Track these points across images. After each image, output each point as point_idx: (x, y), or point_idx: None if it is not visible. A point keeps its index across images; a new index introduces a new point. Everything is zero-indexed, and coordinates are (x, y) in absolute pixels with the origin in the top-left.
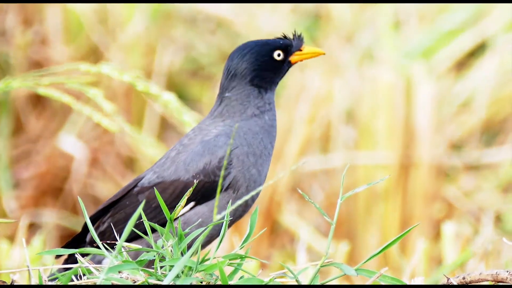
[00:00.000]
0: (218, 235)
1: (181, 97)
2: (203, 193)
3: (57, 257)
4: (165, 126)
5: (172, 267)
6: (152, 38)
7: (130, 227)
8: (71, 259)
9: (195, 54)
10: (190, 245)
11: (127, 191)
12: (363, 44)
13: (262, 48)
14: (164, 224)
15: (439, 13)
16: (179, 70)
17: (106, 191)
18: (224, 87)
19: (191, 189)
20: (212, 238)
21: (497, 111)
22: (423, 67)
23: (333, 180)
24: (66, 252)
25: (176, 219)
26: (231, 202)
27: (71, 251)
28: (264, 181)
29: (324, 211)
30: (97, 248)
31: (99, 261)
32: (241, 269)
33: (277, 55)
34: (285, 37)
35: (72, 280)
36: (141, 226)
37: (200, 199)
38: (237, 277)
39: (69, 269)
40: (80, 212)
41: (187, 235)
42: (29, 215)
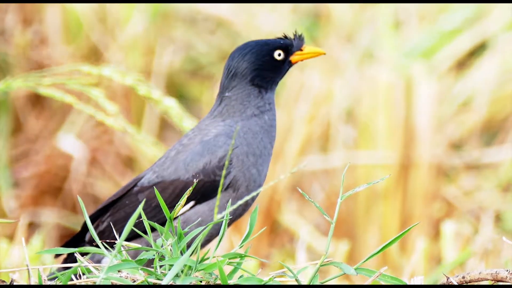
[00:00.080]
0: (217, 234)
1: (180, 97)
2: (202, 193)
3: (57, 256)
4: (165, 125)
5: (171, 266)
6: (151, 38)
7: (130, 226)
8: (71, 258)
9: (195, 54)
10: (189, 244)
11: (126, 191)
12: (363, 43)
13: (262, 48)
14: (163, 223)
15: (439, 13)
16: (179, 70)
17: (105, 190)
18: (224, 86)
19: (190, 189)
20: (211, 237)
21: (497, 111)
22: (423, 66)
23: (333, 179)
24: (65, 251)
25: (175, 218)
26: (231, 201)
27: (71, 250)
28: (264, 180)
29: (324, 210)
30: (97, 247)
31: (98, 260)
32: (240, 268)
33: (278, 55)
34: (285, 37)
35: (71, 279)
36: (140, 225)
37: (200, 199)
38: (236, 276)
39: (68, 268)
40: (79, 211)
41: (186, 234)
42: (28, 214)
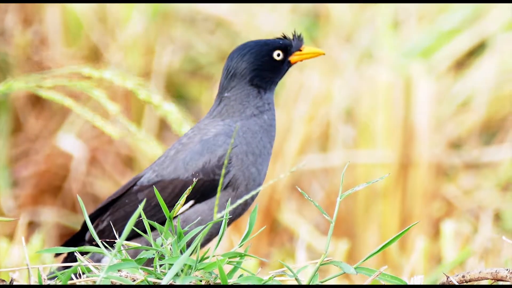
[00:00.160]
0: (217, 234)
1: (180, 97)
2: (202, 192)
3: (57, 255)
4: (164, 126)
5: (171, 265)
6: (151, 37)
7: (130, 225)
8: (71, 258)
9: (194, 53)
10: (189, 243)
11: (126, 190)
12: (362, 43)
13: (261, 48)
14: (163, 222)
15: (438, 13)
16: (178, 69)
17: (105, 189)
18: (223, 86)
19: (190, 188)
20: (211, 236)
21: (496, 110)
22: (422, 66)
23: (333, 178)
24: (65, 250)
25: (175, 218)
26: (230, 200)
27: (71, 249)
28: (263, 180)
29: (323, 210)
30: (97, 246)
31: (98, 259)
32: (240, 268)
33: (277, 55)
34: (284, 37)
35: (71, 278)
36: (140, 224)
37: (199, 198)
38: (236, 275)
39: (68, 267)
40: (79, 210)
41: (186, 233)
42: (28, 213)
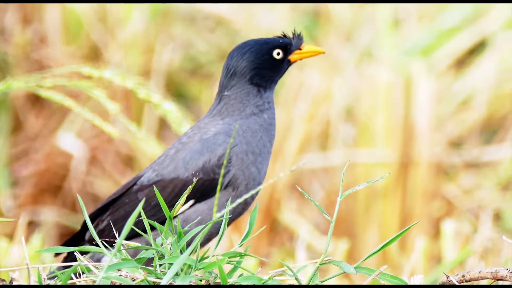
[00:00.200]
0: (217, 233)
1: (180, 95)
2: (202, 191)
3: (56, 255)
4: (164, 125)
5: (171, 265)
6: (151, 36)
7: (129, 225)
8: (70, 257)
9: (194, 52)
10: (189, 243)
11: (126, 189)
12: (362, 42)
13: (261, 46)
14: (163, 222)
15: (438, 12)
16: (178, 68)
17: (105, 189)
18: (223, 85)
19: (190, 187)
20: (211, 236)
21: (496, 109)
22: (423, 65)
23: (333, 178)
24: (65, 250)
25: (175, 217)
26: (230, 200)
27: (70, 249)
28: (263, 179)
29: (323, 209)
30: (96, 246)
31: (98, 259)
32: (240, 267)
33: (277, 54)
34: (284, 36)
35: (71, 278)
36: (140, 224)
37: (199, 197)
38: (236, 275)
39: (68, 267)
40: (79, 210)
41: (186, 233)
42: (28, 213)
